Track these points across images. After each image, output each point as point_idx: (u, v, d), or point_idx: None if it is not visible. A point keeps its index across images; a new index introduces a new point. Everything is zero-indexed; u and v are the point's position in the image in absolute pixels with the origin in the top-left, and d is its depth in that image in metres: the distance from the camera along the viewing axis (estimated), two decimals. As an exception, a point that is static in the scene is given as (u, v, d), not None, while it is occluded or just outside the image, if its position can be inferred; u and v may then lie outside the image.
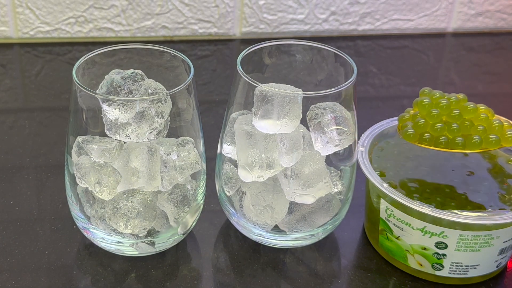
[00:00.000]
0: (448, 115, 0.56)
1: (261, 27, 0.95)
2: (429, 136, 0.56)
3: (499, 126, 0.55)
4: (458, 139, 0.55)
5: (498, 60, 0.95)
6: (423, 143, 0.56)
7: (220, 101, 0.81)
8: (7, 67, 0.87)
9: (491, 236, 0.53)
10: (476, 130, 0.55)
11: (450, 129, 0.55)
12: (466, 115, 0.56)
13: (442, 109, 0.56)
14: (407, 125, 0.57)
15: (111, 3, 0.90)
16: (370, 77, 0.88)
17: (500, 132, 0.55)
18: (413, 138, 0.56)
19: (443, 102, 0.56)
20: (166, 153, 0.55)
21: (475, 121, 0.56)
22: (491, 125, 0.56)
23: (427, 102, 0.57)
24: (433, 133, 0.56)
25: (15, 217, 0.62)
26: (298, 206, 0.56)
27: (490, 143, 0.55)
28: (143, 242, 0.56)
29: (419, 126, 0.56)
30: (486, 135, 0.55)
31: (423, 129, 0.56)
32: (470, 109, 0.56)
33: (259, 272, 0.58)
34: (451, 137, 0.55)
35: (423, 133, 0.56)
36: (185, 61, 0.56)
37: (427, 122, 0.56)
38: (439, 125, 0.56)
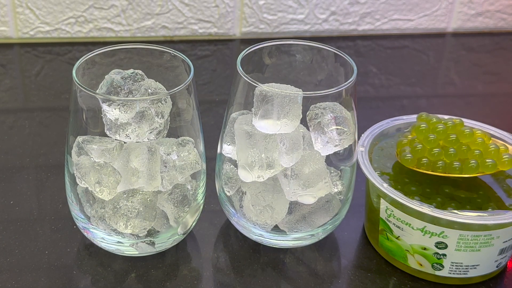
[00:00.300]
0: (445, 139, 0.57)
1: (261, 27, 0.95)
2: (427, 161, 0.57)
3: (495, 150, 0.56)
4: (455, 163, 0.56)
5: (498, 60, 0.95)
6: (421, 168, 0.57)
7: (220, 101, 0.81)
8: (7, 67, 0.87)
9: (491, 236, 0.54)
10: (472, 155, 0.56)
11: (447, 153, 0.57)
12: (462, 139, 0.57)
13: (439, 134, 0.57)
14: (405, 150, 0.58)
15: (111, 3, 0.90)
16: (370, 77, 0.88)
17: (496, 156, 0.56)
18: (411, 163, 0.57)
19: (440, 127, 0.58)
20: (166, 153, 0.55)
21: (471, 145, 0.57)
22: (488, 149, 0.57)
23: (424, 127, 0.58)
24: (430, 158, 0.57)
25: (15, 217, 0.62)
26: (298, 206, 0.56)
27: (486, 167, 0.56)
28: (143, 242, 0.56)
29: (416, 151, 0.57)
30: (483, 159, 0.56)
31: (420, 154, 0.57)
32: (466, 133, 0.57)
33: (259, 272, 0.58)
34: (448, 161, 0.56)
35: (420, 158, 0.57)
36: (185, 61, 0.56)
37: (425, 147, 0.57)
38: (437, 150, 0.57)
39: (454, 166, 0.56)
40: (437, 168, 0.56)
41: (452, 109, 0.82)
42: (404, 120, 0.63)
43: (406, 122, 0.63)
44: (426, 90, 0.87)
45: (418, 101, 0.84)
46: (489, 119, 0.68)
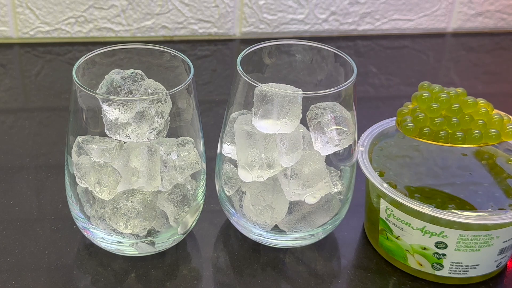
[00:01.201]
0: (448, 109, 0.56)
1: (261, 27, 0.95)
2: (429, 130, 0.55)
3: (499, 121, 0.55)
4: (458, 133, 0.55)
5: (498, 60, 0.95)
6: (422, 138, 0.56)
7: (220, 101, 0.81)
8: (7, 67, 0.87)
9: (491, 236, 0.54)
10: (476, 125, 0.55)
11: (450, 123, 0.55)
12: (466, 109, 0.56)
13: (442, 103, 0.56)
14: (406, 119, 0.56)
15: (111, 3, 0.90)
16: (370, 77, 0.88)
17: (500, 126, 0.55)
18: (413, 133, 0.56)
19: (443, 96, 0.56)
20: (166, 153, 0.55)
21: (475, 115, 0.56)
22: (491, 119, 0.55)
23: (427, 96, 0.57)
24: (433, 127, 0.55)
25: (15, 217, 0.62)
26: (298, 206, 0.56)
27: (490, 137, 0.55)
28: (143, 242, 0.56)
29: (418, 120, 0.56)
30: (486, 129, 0.55)
31: (422, 123, 0.56)
32: (470, 103, 0.56)
33: (259, 272, 0.58)
34: (451, 131, 0.55)
35: (422, 127, 0.56)
36: (185, 61, 0.56)
37: (427, 116, 0.56)
38: (439, 119, 0.55)
39: (457, 136, 0.55)
40: (439, 138, 0.55)
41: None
42: (404, 120, 0.63)
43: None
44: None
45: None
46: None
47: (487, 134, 0.55)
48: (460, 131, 0.55)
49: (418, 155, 0.60)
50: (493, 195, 0.56)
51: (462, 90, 0.57)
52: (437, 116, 0.56)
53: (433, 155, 0.60)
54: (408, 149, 0.61)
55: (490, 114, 0.56)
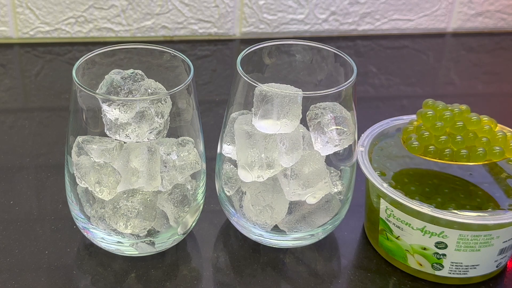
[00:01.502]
0: (452, 127, 0.57)
1: (261, 27, 0.95)
2: (434, 148, 0.56)
3: (502, 138, 0.56)
4: (463, 151, 0.56)
5: (498, 60, 0.95)
6: (428, 156, 0.56)
7: (220, 101, 0.81)
8: (7, 67, 0.87)
9: (491, 236, 0.54)
10: (480, 142, 0.56)
11: (455, 141, 0.56)
12: (470, 126, 0.57)
13: (446, 121, 0.57)
14: (411, 137, 0.57)
15: (111, 3, 0.90)
16: (370, 77, 0.88)
17: (504, 143, 0.56)
18: (418, 151, 0.57)
19: (447, 114, 0.57)
20: (166, 153, 0.55)
21: (478, 132, 0.56)
22: (495, 136, 0.56)
23: (431, 115, 0.57)
24: (437, 145, 0.56)
25: (15, 217, 0.62)
26: (298, 206, 0.56)
27: (494, 154, 0.55)
28: (143, 242, 0.56)
29: (423, 138, 0.57)
30: (490, 146, 0.56)
31: (427, 141, 0.57)
32: (473, 120, 0.57)
33: (259, 272, 0.58)
34: (456, 149, 0.56)
35: (427, 145, 0.56)
36: (185, 61, 0.56)
37: (432, 135, 0.56)
38: (444, 138, 0.56)
39: (462, 153, 0.55)
40: (444, 155, 0.56)
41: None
42: (404, 120, 0.63)
43: (406, 122, 0.63)
44: (426, 90, 0.87)
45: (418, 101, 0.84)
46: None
47: (491, 151, 0.55)
48: (465, 149, 0.56)
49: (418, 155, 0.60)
50: (493, 195, 0.56)
51: (466, 107, 0.58)
52: (442, 134, 0.57)
53: (433, 155, 0.61)
54: (408, 149, 0.61)
55: (494, 131, 0.57)
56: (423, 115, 0.58)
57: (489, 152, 0.55)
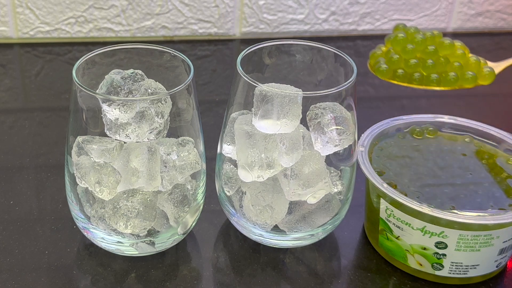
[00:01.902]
0: (423, 51, 0.53)
1: (261, 27, 0.95)
2: (403, 72, 0.53)
3: (476, 62, 0.52)
4: (433, 75, 0.52)
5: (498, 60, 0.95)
6: (396, 79, 0.53)
7: (220, 101, 0.81)
8: (7, 67, 0.87)
9: (491, 236, 0.54)
10: (452, 67, 0.52)
11: (425, 65, 0.52)
12: (442, 51, 0.53)
13: (418, 45, 0.53)
14: (380, 61, 0.54)
15: (111, 3, 0.90)
16: (370, 77, 0.88)
17: (477, 68, 0.52)
18: (386, 74, 0.53)
19: (418, 37, 0.53)
20: (166, 153, 0.55)
21: (451, 57, 0.53)
22: (468, 61, 0.53)
23: (402, 37, 0.54)
24: (407, 69, 0.52)
25: (15, 217, 0.62)
26: (298, 206, 0.56)
27: (466, 80, 0.52)
28: (143, 242, 0.56)
29: (393, 61, 0.53)
30: (463, 71, 0.52)
31: (397, 65, 0.53)
32: (446, 44, 0.53)
33: (259, 272, 0.58)
34: (426, 73, 0.53)
35: (396, 69, 0.53)
36: (185, 61, 0.56)
37: (401, 58, 0.53)
38: (414, 61, 0.52)
39: (432, 78, 0.52)
40: (413, 80, 0.52)
41: (452, 109, 0.82)
42: (404, 120, 0.63)
43: (406, 122, 0.63)
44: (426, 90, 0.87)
45: (418, 101, 0.84)
46: (489, 119, 0.68)
47: (463, 76, 0.52)
48: (436, 74, 0.52)
49: (418, 155, 0.60)
50: (493, 195, 0.56)
51: (438, 32, 0.55)
52: (412, 57, 0.53)
53: (433, 155, 0.61)
54: (408, 149, 0.61)
55: (467, 56, 0.53)
56: (393, 39, 0.54)
57: (461, 77, 0.52)
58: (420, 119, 0.64)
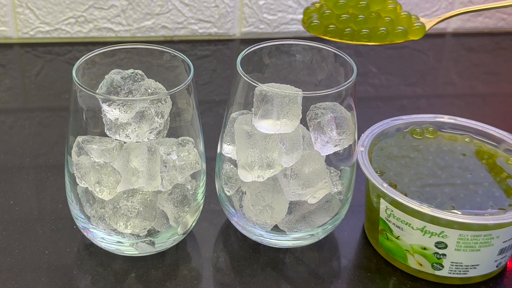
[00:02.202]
0: (355, 6, 0.53)
1: (261, 27, 0.95)
2: (335, 27, 0.52)
3: (406, 17, 0.51)
4: (364, 31, 0.52)
5: (498, 60, 0.95)
6: (327, 35, 0.53)
7: (220, 101, 0.81)
8: (7, 67, 0.87)
9: (491, 236, 0.54)
10: (383, 22, 0.52)
11: (357, 20, 0.52)
12: (373, 6, 0.53)
13: (349, 0, 0.53)
14: (312, 17, 0.53)
15: (111, 3, 0.90)
16: (370, 77, 0.88)
17: (408, 23, 0.52)
18: (318, 30, 0.53)
19: None
20: (166, 153, 0.55)
21: (382, 12, 0.53)
22: (399, 16, 0.52)
23: None
24: (338, 24, 0.52)
25: (15, 217, 0.62)
26: (298, 206, 0.56)
27: (396, 35, 0.52)
28: (143, 242, 0.56)
29: (324, 17, 0.53)
30: (393, 26, 0.52)
31: (328, 20, 0.53)
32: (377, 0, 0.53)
33: (259, 272, 0.58)
34: (357, 28, 0.52)
35: (328, 24, 0.53)
36: (185, 61, 0.56)
37: (333, 13, 0.53)
38: (345, 16, 0.53)
39: (363, 33, 0.52)
40: (344, 35, 0.52)
41: (452, 109, 0.82)
42: (404, 120, 0.63)
43: (406, 122, 0.63)
44: (426, 90, 0.87)
45: (418, 101, 0.84)
46: (489, 119, 0.68)
47: (394, 31, 0.52)
48: (366, 29, 0.52)
49: (418, 155, 0.60)
50: (493, 195, 0.56)
51: None
52: (344, 13, 0.53)
53: (433, 155, 0.61)
54: (408, 149, 0.61)
55: (398, 11, 0.53)
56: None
57: (391, 32, 0.52)
58: (420, 119, 0.64)
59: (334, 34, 0.52)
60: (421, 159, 0.60)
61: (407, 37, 0.52)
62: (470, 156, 0.61)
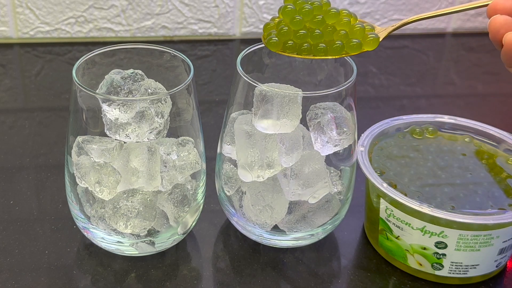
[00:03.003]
0: (311, 21, 0.54)
1: (261, 27, 0.95)
2: (292, 43, 0.53)
3: (360, 30, 0.53)
4: (321, 45, 0.53)
5: (498, 60, 0.94)
6: (286, 51, 0.53)
7: (220, 101, 0.81)
8: (7, 67, 0.87)
9: (491, 236, 0.54)
10: (338, 35, 0.53)
11: (313, 35, 0.53)
12: (329, 20, 0.54)
13: (305, 15, 0.54)
14: (271, 33, 0.55)
15: (111, 3, 0.90)
16: (370, 77, 0.88)
17: (362, 35, 0.53)
18: (277, 47, 0.53)
19: (306, 7, 0.54)
20: (166, 153, 0.55)
21: (337, 25, 0.54)
22: (353, 28, 0.53)
23: (291, 9, 0.54)
24: (296, 40, 0.53)
25: (15, 217, 0.62)
26: (297, 206, 0.56)
27: (351, 47, 0.53)
28: (143, 242, 0.56)
29: (282, 33, 0.54)
30: (348, 39, 0.53)
31: (286, 36, 0.53)
32: (332, 13, 0.54)
33: (259, 272, 0.58)
34: (314, 43, 0.53)
35: (286, 40, 0.54)
36: (185, 61, 0.56)
37: (290, 29, 0.53)
38: (302, 32, 0.53)
39: (319, 47, 0.53)
40: (302, 50, 0.53)
41: (452, 109, 0.82)
42: (404, 120, 0.63)
43: (406, 122, 0.63)
44: (426, 90, 0.87)
45: (418, 101, 0.84)
46: (489, 119, 0.68)
47: (349, 44, 0.53)
48: (323, 43, 0.53)
49: (418, 155, 0.60)
50: (493, 195, 0.56)
51: (326, 0, 0.55)
52: (301, 28, 0.53)
53: (433, 155, 0.61)
54: (408, 149, 0.61)
55: (352, 24, 0.54)
56: (282, 10, 0.54)
57: (346, 44, 0.53)
58: (420, 119, 0.64)
59: (293, 49, 0.54)
60: (421, 159, 0.60)
61: (362, 48, 0.53)
62: (470, 156, 0.61)
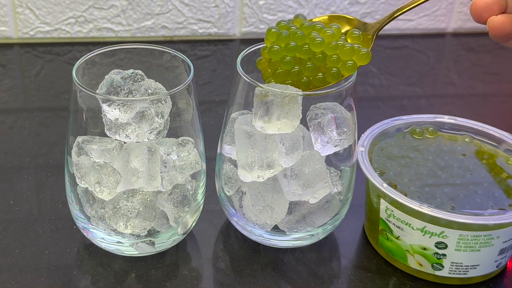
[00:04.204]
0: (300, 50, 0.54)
1: (261, 27, 0.95)
2: (291, 82, 0.54)
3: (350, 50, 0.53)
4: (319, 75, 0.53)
5: (498, 60, 0.95)
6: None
7: (220, 101, 0.81)
8: (7, 67, 0.87)
9: (491, 236, 0.54)
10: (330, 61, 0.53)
11: (306, 67, 0.54)
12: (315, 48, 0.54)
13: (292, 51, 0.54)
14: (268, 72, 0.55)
15: (111, 3, 0.90)
16: (370, 77, 0.88)
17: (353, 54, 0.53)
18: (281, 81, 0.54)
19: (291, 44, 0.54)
20: (166, 153, 0.55)
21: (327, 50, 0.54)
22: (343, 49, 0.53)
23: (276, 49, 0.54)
24: (293, 78, 0.54)
25: (15, 217, 0.62)
26: (298, 206, 0.56)
27: (347, 69, 0.53)
28: (143, 242, 0.56)
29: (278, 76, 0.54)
30: (343, 62, 0.53)
31: (283, 78, 0.54)
32: (318, 42, 0.53)
33: (259, 272, 0.58)
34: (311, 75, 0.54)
35: (284, 81, 0.54)
36: (185, 61, 0.56)
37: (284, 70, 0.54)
38: (296, 69, 0.54)
39: (318, 77, 0.53)
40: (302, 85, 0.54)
41: (452, 109, 0.82)
42: (404, 120, 0.63)
43: (406, 122, 0.63)
44: (426, 90, 0.87)
45: (418, 101, 0.84)
46: (489, 119, 0.68)
47: (344, 67, 0.53)
48: (320, 73, 0.54)
49: (418, 155, 0.60)
50: (493, 195, 0.56)
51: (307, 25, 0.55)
52: (292, 66, 0.54)
53: (433, 155, 0.61)
54: (408, 149, 0.61)
55: (342, 45, 0.54)
56: (269, 50, 0.54)
57: (342, 68, 0.53)
58: (420, 119, 0.64)
59: (294, 85, 0.54)
60: (421, 159, 0.60)
61: (357, 67, 0.53)
62: (470, 156, 0.61)
